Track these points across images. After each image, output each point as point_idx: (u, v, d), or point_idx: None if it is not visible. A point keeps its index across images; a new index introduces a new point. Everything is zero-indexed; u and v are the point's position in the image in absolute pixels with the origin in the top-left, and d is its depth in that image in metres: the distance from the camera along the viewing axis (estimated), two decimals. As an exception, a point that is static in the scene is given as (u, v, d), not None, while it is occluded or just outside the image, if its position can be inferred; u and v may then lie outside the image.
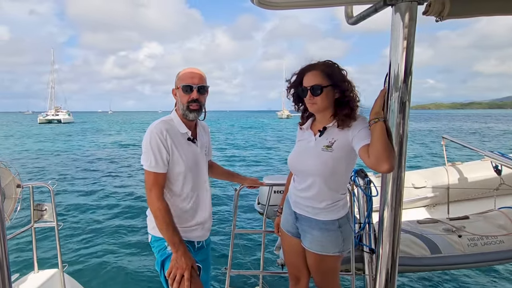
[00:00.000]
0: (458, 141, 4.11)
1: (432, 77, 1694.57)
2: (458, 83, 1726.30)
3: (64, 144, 23.65)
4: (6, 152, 19.52)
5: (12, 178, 2.13)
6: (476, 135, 29.61)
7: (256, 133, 36.10)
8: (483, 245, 2.40)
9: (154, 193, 1.50)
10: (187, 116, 1.60)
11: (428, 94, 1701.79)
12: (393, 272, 1.37)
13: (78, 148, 20.71)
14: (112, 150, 19.33)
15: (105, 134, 34.81)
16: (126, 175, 11.40)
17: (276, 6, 1.37)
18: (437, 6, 1.17)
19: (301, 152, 1.65)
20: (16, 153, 18.46)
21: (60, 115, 62.77)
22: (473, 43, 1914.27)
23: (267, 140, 26.34)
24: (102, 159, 15.62)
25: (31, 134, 34.60)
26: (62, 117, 62.11)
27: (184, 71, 1.62)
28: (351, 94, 1.51)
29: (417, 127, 41.61)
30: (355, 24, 1.55)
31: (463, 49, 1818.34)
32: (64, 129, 42.03)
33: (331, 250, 1.58)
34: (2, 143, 25.38)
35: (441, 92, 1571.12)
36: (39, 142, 25.02)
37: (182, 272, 1.43)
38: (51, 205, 2.28)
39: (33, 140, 27.35)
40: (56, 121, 60.95)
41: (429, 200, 3.93)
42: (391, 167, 1.23)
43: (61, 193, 8.69)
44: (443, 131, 34.52)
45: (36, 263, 2.37)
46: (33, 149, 20.19)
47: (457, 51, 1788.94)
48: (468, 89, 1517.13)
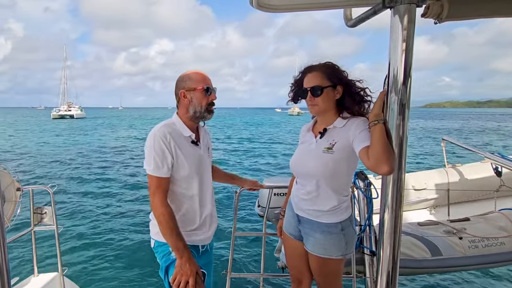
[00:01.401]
0: (458, 142, 4.11)
1: (447, 74, 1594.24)
2: (475, 81, 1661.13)
3: (85, 137, 25.65)
4: (30, 144, 21.21)
5: (12, 181, 2.13)
6: (492, 135, 28.43)
7: (271, 129, 36.58)
8: (484, 247, 2.39)
9: (158, 198, 1.49)
10: (205, 117, 1.61)
11: (443, 92, 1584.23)
12: (394, 275, 1.36)
13: (89, 143, 21.76)
14: (122, 147, 19.49)
15: (121, 128, 36.62)
16: (130, 177, 11.38)
17: (275, 9, 1.38)
18: (436, 8, 1.18)
19: (302, 154, 1.65)
20: (39, 146, 20.11)
21: (73, 111, 65.75)
22: (490, 40, 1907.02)
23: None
24: (108, 156, 15.63)
25: (48, 128, 36.81)
26: (74, 112, 65.03)
27: (193, 72, 1.60)
28: (357, 90, 1.52)
29: (430, 126, 41.34)
30: (354, 27, 1.55)
31: (480, 46, 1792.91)
32: (78, 124, 44.34)
33: (334, 253, 1.57)
34: (25, 136, 27.50)
35: (457, 90, 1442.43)
36: (59, 136, 27.04)
37: (187, 278, 1.41)
38: (51, 208, 2.28)
39: (52, 134, 29.69)
40: (69, 116, 63.72)
41: (429, 202, 3.93)
42: (391, 169, 1.23)
43: (68, 194, 8.68)
44: (454, 130, 34.22)
45: (36, 266, 2.36)
46: (55, 143, 21.93)
47: (473, 48, 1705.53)
48: (485, 87, 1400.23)
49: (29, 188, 2.22)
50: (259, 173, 12.37)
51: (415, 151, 16.94)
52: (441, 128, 38.70)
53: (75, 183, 10.37)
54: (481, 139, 24.43)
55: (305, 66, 1.60)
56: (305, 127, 1.74)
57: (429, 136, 26.36)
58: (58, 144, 21.42)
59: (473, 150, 3.91)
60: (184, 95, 1.58)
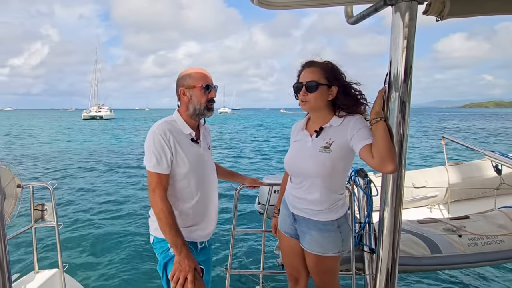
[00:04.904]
0: (458, 140, 4.11)
1: (489, 72, 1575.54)
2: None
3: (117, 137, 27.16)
4: (79, 139, 23.47)
5: (13, 178, 2.13)
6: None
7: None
8: (483, 244, 2.40)
9: (158, 194, 1.49)
10: (205, 114, 1.61)
11: (485, 91, 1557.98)
12: (393, 272, 1.37)
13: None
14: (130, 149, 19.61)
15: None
16: (131, 174, 11.39)
17: (275, 6, 1.38)
18: (438, 5, 1.18)
19: (297, 153, 1.62)
20: (80, 144, 21.59)
21: (102, 112, 68.69)
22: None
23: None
24: (111, 157, 15.68)
25: (84, 128, 39.68)
26: (104, 113, 67.94)
27: (194, 70, 1.60)
28: (355, 93, 1.50)
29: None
30: (355, 24, 1.55)
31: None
32: (109, 125, 46.50)
33: (330, 251, 1.57)
34: (66, 134, 30.24)
35: (501, 89, 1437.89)
36: (96, 135, 29.03)
37: (186, 274, 1.41)
38: (52, 205, 2.28)
39: (88, 134, 31.42)
40: (99, 117, 66.47)
41: (429, 200, 3.93)
42: (395, 167, 1.22)
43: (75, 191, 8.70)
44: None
45: (36, 263, 2.37)
46: (95, 141, 23.53)
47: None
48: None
49: (29, 184, 2.22)
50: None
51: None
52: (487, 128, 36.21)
53: (76, 180, 10.39)
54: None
55: (306, 60, 1.57)
56: (297, 125, 1.72)
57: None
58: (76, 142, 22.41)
59: (473, 148, 3.91)
60: (184, 93, 1.59)
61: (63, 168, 12.70)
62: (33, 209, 2.28)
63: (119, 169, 12.23)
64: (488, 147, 4.21)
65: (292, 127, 1.75)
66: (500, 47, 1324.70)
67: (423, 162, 13.40)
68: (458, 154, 13.13)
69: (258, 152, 17.66)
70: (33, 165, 13.57)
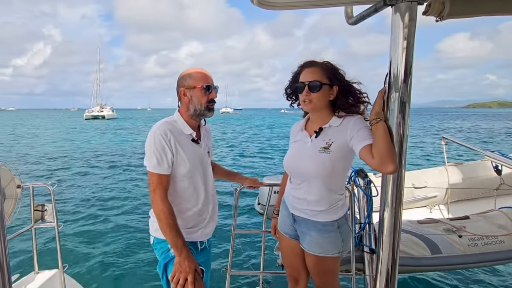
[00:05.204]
0: (458, 141, 4.11)
1: (492, 72, 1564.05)
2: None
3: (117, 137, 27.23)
4: (82, 139, 23.65)
5: (13, 178, 2.13)
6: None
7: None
8: (483, 245, 2.40)
9: (158, 195, 1.48)
10: (205, 115, 1.60)
11: (488, 91, 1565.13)
12: (393, 272, 1.37)
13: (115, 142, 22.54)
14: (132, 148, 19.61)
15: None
16: (132, 174, 11.39)
17: (275, 7, 1.38)
18: (437, 6, 1.18)
19: (297, 154, 1.62)
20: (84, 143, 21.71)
21: (104, 112, 69.08)
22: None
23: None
24: (112, 157, 15.69)
25: (87, 128, 39.98)
26: (106, 113, 68.30)
27: (194, 71, 1.60)
28: (355, 92, 1.50)
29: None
30: (355, 24, 1.55)
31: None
32: (112, 124, 46.88)
33: (330, 252, 1.57)
34: (69, 133, 30.72)
35: (504, 89, 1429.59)
36: (102, 135, 29.31)
37: (186, 275, 1.41)
38: (52, 205, 2.28)
39: (92, 133, 31.45)
40: (101, 117, 66.68)
41: (429, 200, 3.93)
42: (395, 168, 1.22)
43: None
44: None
45: (36, 263, 2.36)
46: (100, 141, 23.60)
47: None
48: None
49: (29, 185, 2.22)
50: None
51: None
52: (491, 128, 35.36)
53: (78, 180, 10.39)
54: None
55: (305, 60, 1.55)
56: (296, 126, 1.71)
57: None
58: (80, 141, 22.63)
59: (473, 148, 3.91)
60: (184, 93, 1.59)
61: (68, 167, 12.74)
62: (33, 210, 2.28)
63: (120, 169, 12.22)
64: (492, 148, 4.21)
65: (292, 127, 1.74)
66: (503, 47, 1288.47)
67: (424, 162, 13.41)
68: (458, 155, 13.14)
69: (260, 152, 17.68)
70: (37, 164, 13.60)
